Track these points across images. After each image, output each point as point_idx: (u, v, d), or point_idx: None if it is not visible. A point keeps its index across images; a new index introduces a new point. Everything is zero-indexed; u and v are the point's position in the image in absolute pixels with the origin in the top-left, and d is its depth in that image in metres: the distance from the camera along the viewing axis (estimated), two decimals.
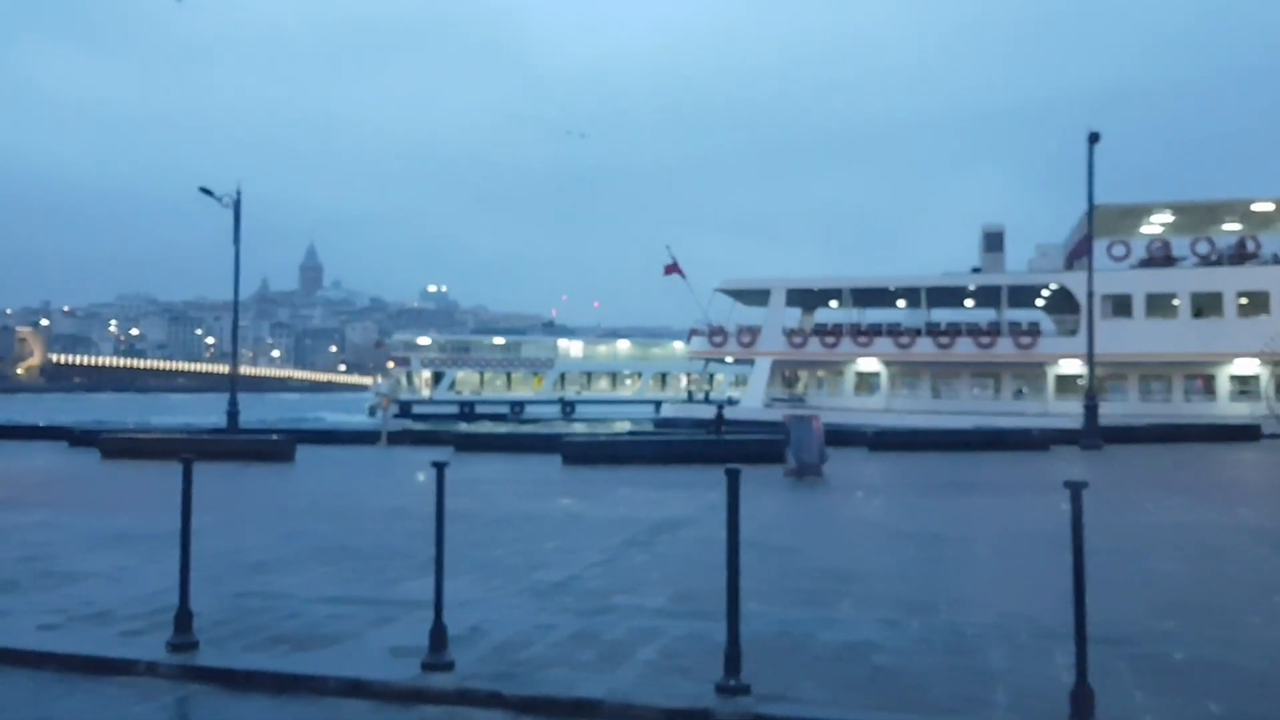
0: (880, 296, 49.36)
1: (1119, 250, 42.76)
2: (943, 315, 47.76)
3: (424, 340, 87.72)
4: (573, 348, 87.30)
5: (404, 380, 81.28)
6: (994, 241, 47.70)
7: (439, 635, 6.42)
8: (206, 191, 30.95)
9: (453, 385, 79.82)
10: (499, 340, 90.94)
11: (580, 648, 6.79)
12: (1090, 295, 29.62)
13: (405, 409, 74.96)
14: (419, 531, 12.38)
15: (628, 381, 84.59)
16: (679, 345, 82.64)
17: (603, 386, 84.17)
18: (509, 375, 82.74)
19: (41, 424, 35.03)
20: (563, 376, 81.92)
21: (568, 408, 77.51)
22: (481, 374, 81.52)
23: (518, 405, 76.52)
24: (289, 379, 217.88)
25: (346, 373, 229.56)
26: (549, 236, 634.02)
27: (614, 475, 20.23)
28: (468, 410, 76.38)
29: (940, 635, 7.04)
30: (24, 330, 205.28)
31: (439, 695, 5.98)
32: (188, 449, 24.66)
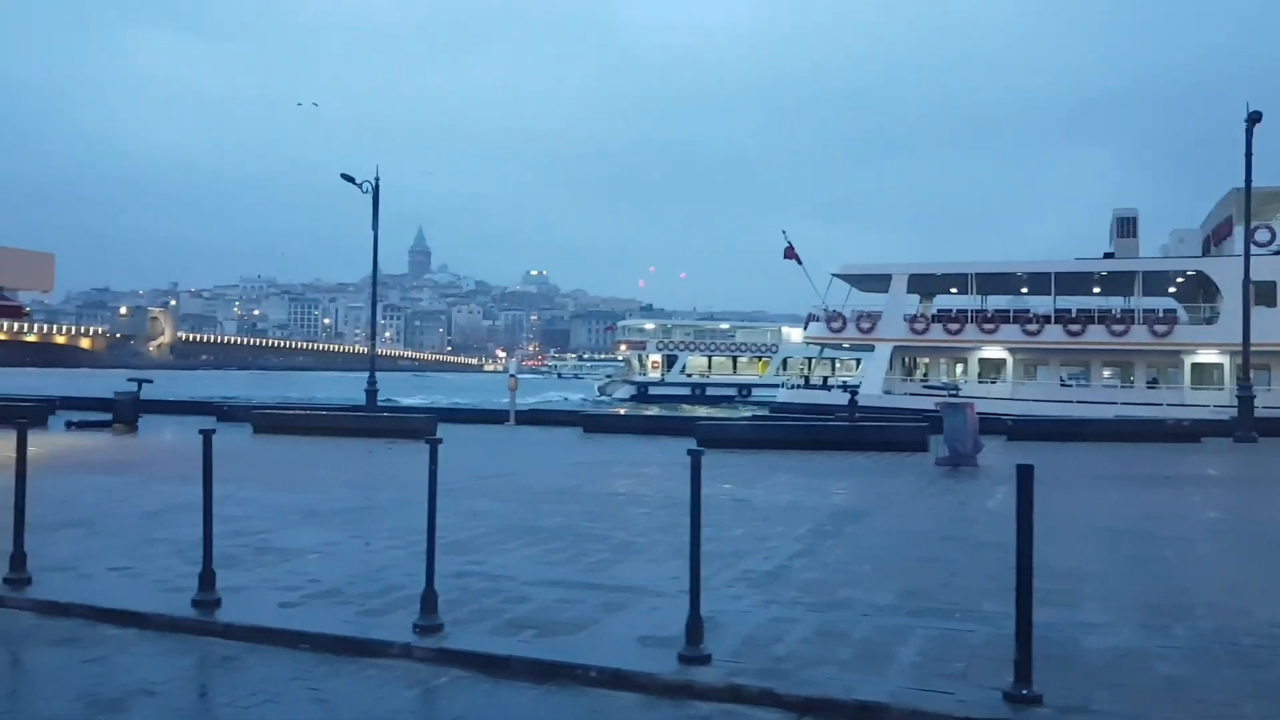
0: (1004, 282, 48.01)
1: (1264, 235, 40.70)
2: (1067, 302, 46.25)
3: (649, 325, 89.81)
4: (794, 334, 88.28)
5: (635, 363, 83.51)
6: (1127, 226, 45.99)
7: (696, 627, 6.26)
8: (348, 178, 31.45)
9: (684, 369, 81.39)
10: (724, 325, 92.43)
11: (833, 645, 6.56)
12: (1246, 279, 28.20)
13: (641, 391, 77.47)
14: (597, 513, 12.38)
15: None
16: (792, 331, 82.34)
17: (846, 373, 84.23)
18: (734, 359, 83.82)
19: (191, 399, 36.26)
20: (785, 361, 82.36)
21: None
22: (710, 358, 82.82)
23: (745, 389, 77.25)
24: (399, 358, 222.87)
25: (453, 353, 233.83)
26: (638, 218, 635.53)
27: (756, 460, 19.95)
28: (698, 393, 78.23)
29: (1216, 644, 6.62)
30: (155, 310, 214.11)
31: (708, 691, 5.82)
32: (336, 425, 25.22)
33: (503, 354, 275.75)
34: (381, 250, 32.32)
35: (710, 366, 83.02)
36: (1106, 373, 44.72)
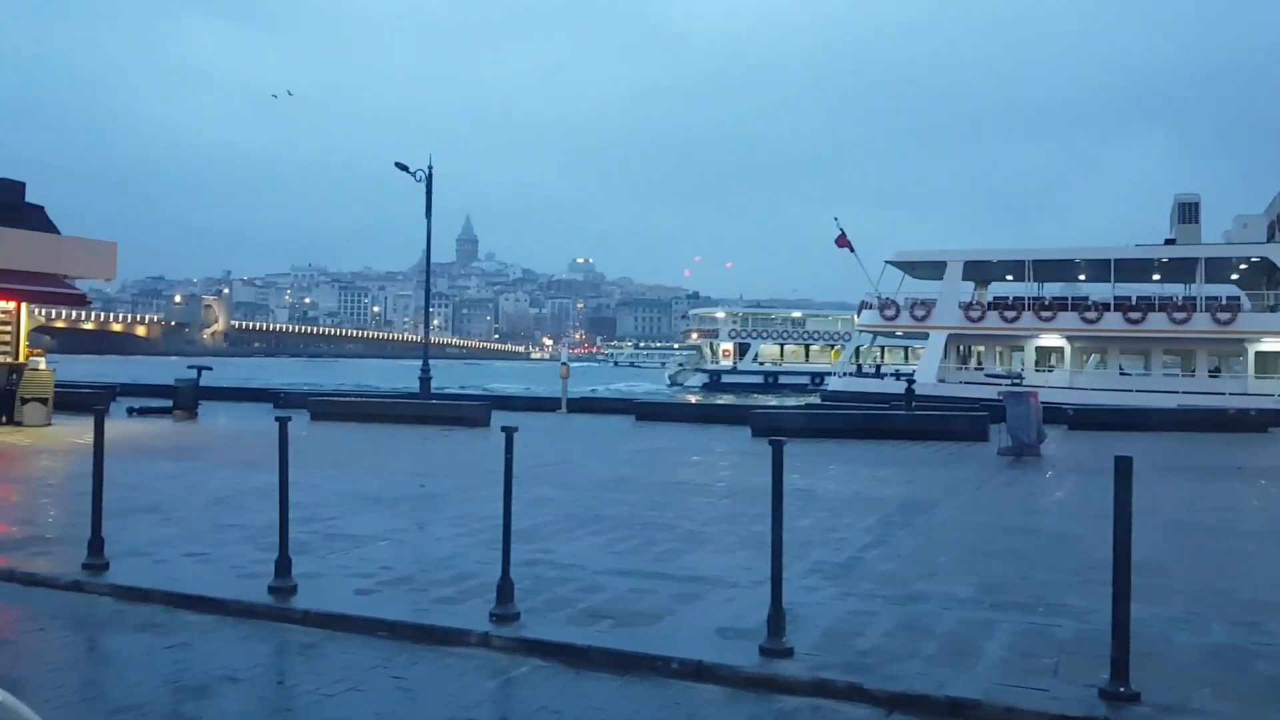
0: (1062, 269, 47.24)
1: None
2: (1126, 289, 45.41)
3: (720, 314, 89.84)
4: None
5: (707, 351, 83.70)
6: (1189, 212, 45.12)
7: (778, 620, 6.16)
8: (402, 167, 31.58)
9: (756, 357, 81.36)
10: (796, 314, 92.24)
11: (917, 640, 6.42)
12: None
13: (714, 379, 77.64)
14: (660, 502, 12.29)
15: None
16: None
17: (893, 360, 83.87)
18: (807, 347, 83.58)
19: (249, 387, 36.75)
20: (858, 350, 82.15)
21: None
22: (782, 346, 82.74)
23: (818, 377, 77.29)
24: (447, 346, 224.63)
25: (500, 341, 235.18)
26: (685, 206, 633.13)
27: (813, 449, 19.76)
28: (771, 381, 78.08)
29: None
30: (209, 298, 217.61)
31: (793, 685, 5.72)
32: (392, 412, 25.30)
33: (549, 342, 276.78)
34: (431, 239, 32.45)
35: (783, 354, 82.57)
36: (1167, 366, 43.88)
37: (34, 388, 23.00)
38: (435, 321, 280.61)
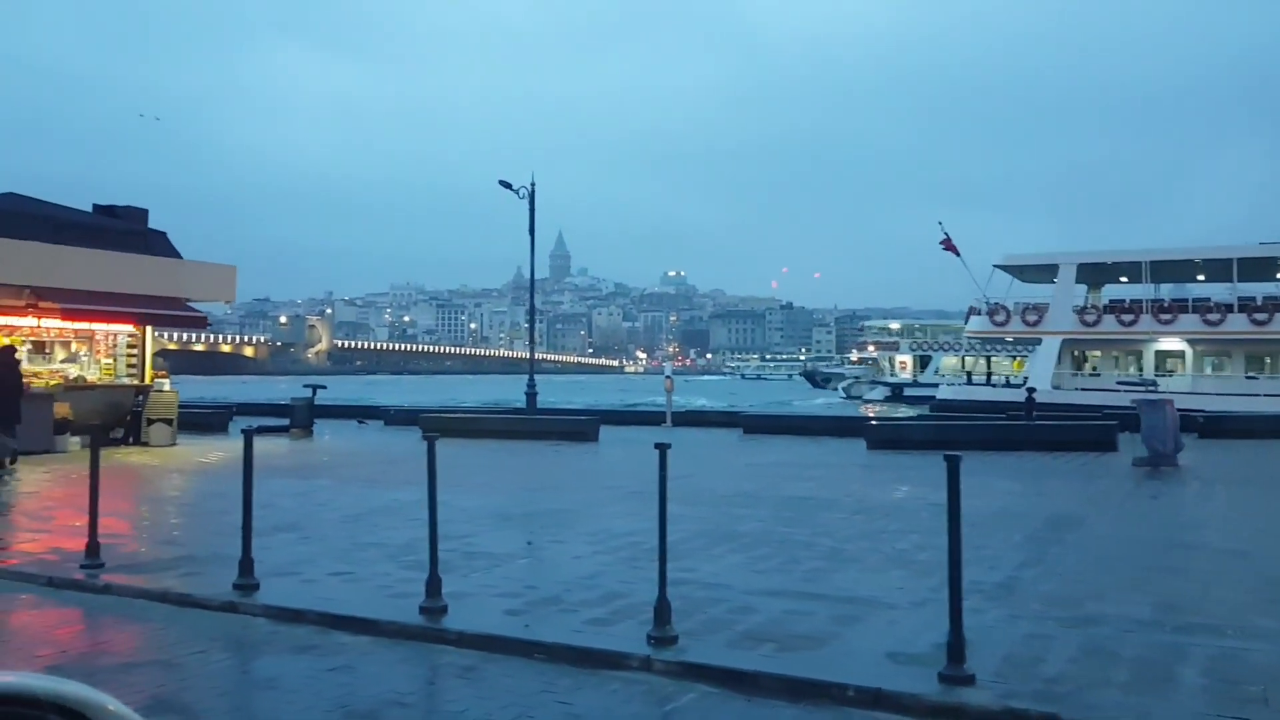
0: (1180, 269, 45.49)
1: None
2: (1247, 290, 43.42)
3: (895, 325, 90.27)
4: None
5: (884, 364, 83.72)
6: None
7: (958, 646, 5.84)
8: (505, 185, 31.83)
9: (938, 369, 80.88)
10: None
11: (1105, 666, 6.02)
12: None
13: (896, 392, 77.60)
14: (791, 518, 11.98)
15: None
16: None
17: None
18: (988, 358, 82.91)
19: (361, 404, 37.43)
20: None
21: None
22: (962, 357, 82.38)
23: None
24: (542, 361, 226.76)
25: (593, 355, 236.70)
26: (775, 213, 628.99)
27: (933, 461, 19.22)
28: None
29: None
30: (313, 319, 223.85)
31: (982, 714, 5.39)
32: (502, 428, 25.38)
33: (643, 355, 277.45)
34: (523, 256, 32.78)
35: (963, 365, 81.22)
36: None
37: (159, 409, 23.65)
38: None
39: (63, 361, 23.43)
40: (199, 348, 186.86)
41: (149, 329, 24.40)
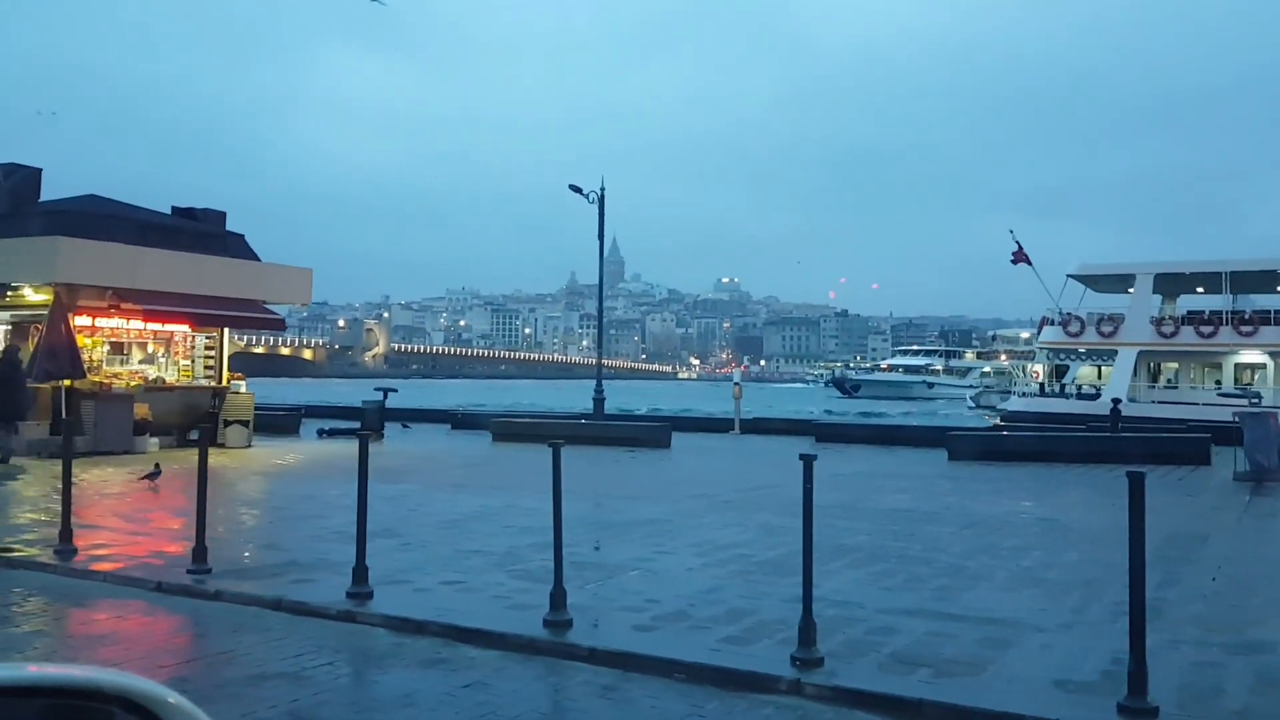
0: (1263, 280, 44.12)
1: None
2: None
3: (1026, 334, 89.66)
4: None
5: (1018, 373, 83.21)
6: None
7: (1140, 675, 5.44)
8: (576, 189, 31.72)
9: (1074, 379, 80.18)
10: None
11: None
12: None
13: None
14: (898, 531, 11.56)
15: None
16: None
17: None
18: (1099, 368, 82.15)
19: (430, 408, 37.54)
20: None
21: None
22: (1099, 367, 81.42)
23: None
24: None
25: (647, 361, 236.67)
26: (830, 220, 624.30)
27: (1019, 473, 18.71)
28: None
29: None
30: (370, 322, 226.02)
31: None
32: (571, 433, 25.10)
33: (696, 361, 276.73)
34: (577, 261, 32.74)
35: (1100, 375, 79.76)
36: None
37: (236, 410, 23.75)
38: (584, 343, 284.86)
39: (140, 362, 23.61)
40: (259, 350, 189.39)
41: (226, 330, 24.53)
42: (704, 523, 12.16)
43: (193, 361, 24.29)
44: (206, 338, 24.22)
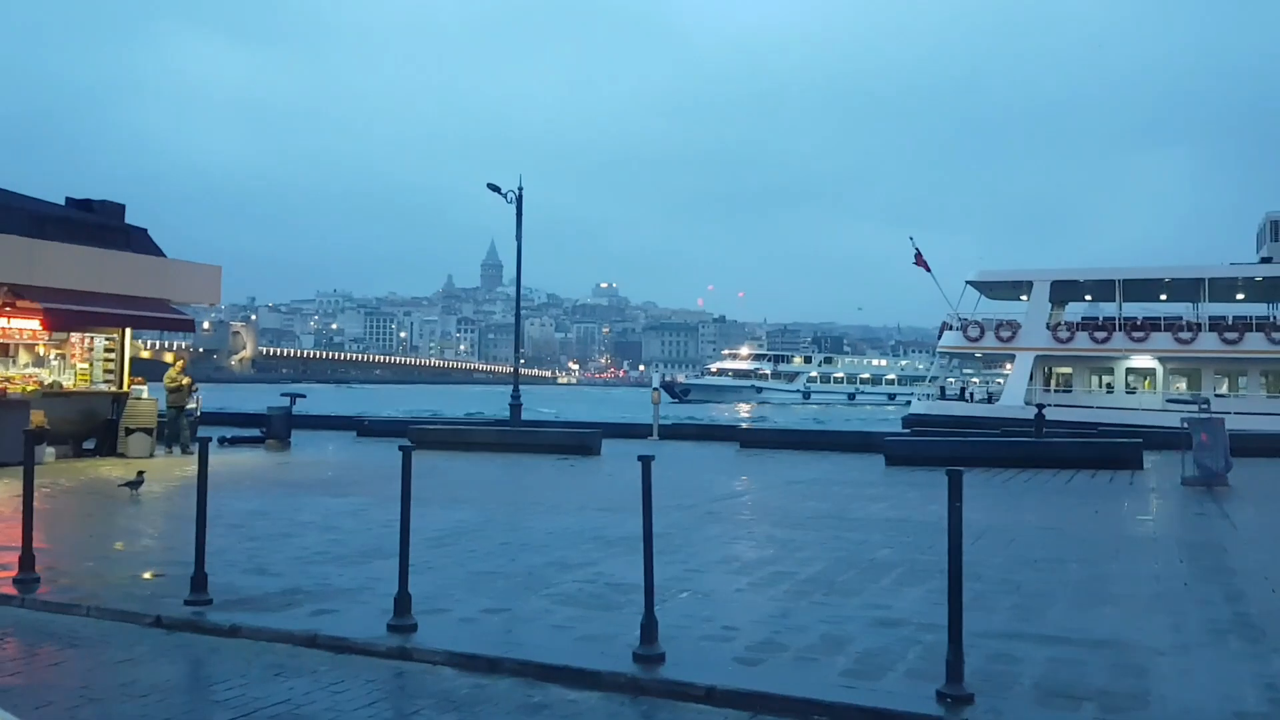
0: (1150, 288, 45.91)
1: None
2: (1214, 309, 43.98)
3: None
4: None
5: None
6: None
7: None
8: (494, 188, 30.77)
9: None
10: None
11: None
12: None
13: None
14: (915, 544, 11.05)
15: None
16: None
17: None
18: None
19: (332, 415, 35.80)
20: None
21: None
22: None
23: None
24: (473, 370, 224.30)
25: (526, 366, 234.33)
26: (705, 226, 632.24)
27: (971, 479, 18.54)
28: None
29: None
30: (237, 325, 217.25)
31: None
32: (498, 440, 24.13)
33: (575, 366, 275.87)
34: (455, 264, 32.38)
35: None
36: (1265, 388, 42.41)
37: (138, 418, 22.05)
38: (462, 346, 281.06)
39: (29, 366, 21.60)
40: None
41: (127, 332, 22.72)
42: (708, 537, 11.48)
43: (91, 365, 22.42)
44: (107, 339, 22.39)
